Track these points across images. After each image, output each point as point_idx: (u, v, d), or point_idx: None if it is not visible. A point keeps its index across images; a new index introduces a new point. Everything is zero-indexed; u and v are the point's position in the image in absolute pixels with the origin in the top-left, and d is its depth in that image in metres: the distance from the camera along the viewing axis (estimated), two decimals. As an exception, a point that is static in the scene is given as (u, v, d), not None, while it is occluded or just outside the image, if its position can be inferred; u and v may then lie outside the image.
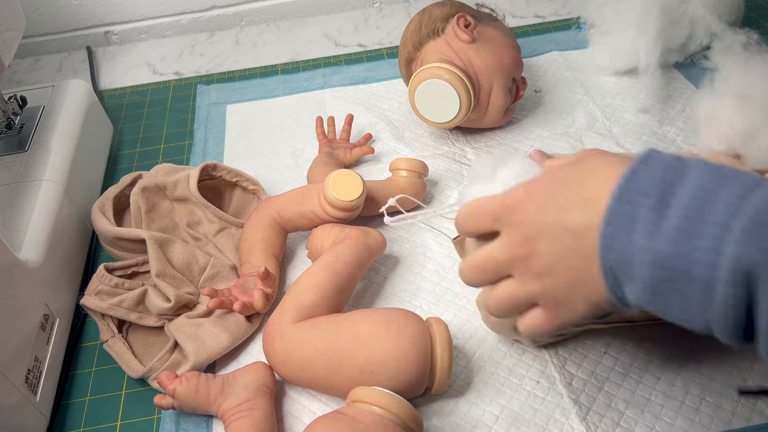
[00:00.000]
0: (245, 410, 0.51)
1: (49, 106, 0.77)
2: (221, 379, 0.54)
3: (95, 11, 1.06)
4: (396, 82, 0.91)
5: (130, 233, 0.63)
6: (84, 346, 0.64)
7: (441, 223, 0.70)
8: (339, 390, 0.51)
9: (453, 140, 0.80)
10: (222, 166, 0.70)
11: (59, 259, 0.64)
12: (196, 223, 0.68)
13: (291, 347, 0.52)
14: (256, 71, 0.99)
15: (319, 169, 0.72)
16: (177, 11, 1.09)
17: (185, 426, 0.55)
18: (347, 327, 0.52)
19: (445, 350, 0.51)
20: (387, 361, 0.49)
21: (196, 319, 0.59)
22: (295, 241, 0.70)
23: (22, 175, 0.67)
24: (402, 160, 0.70)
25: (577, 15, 1.01)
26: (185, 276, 0.62)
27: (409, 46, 0.78)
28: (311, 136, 0.83)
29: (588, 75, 0.88)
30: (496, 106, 0.75)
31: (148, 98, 0.97)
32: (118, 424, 0.57)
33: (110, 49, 1.10)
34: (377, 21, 1.09)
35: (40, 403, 0.55)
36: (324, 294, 0.55)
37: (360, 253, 0.59)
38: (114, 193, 0.69)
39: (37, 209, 0.64)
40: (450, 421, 0.53)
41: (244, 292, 0.60)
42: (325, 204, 0.62)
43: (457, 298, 0.62)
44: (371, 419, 0.46)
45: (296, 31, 1.09)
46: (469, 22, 0.76)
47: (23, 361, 0.54)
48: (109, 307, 0.59)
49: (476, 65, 0.73)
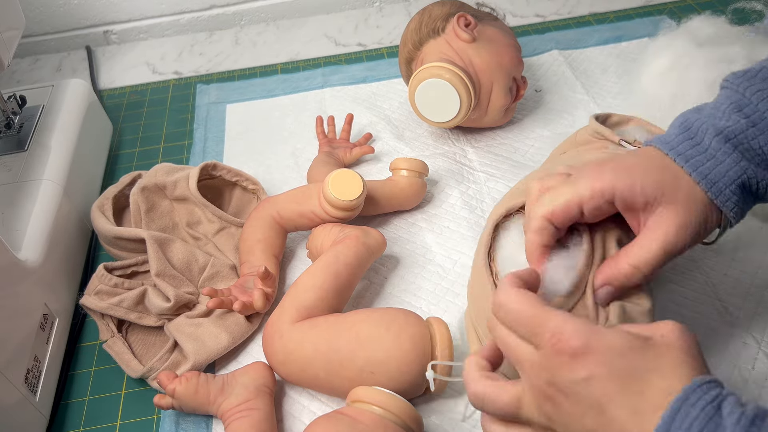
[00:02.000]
0: (245, 410, 0.51)
1: (49, 105, 0.77)
2: (221, 379, 0.54)
3: (94, 10, 1.06)
4: (396, 82, 0.91)
5: (130, 233, 0.63)
6: (83, 345, 0.64)
7: (441, 222, 0.70)
8: (339, 390, 0.51)
9: (453, 140, 0.80)
10: (222, 166, 0.70)
11: (59, 258, 0.64)
12: (196, 222, 0.68)
13: (291, 347, 0.52)
14: (256, 71, 0.99)
15: (319, 168, 0.72)
16: (176, 10, 1.08)
17: (185, 426, 0.55)
18: (347, 327, 0.52)
19: (445, 350, 0.50)
20: (387, 361, 0.49)
21: (196, 319, 0.59)
22: (295, 241, 0.70)
23: (22, 174, 0.67)
24: (402, 160, 0.69)
25: (577, 14, 1.01)
26: (185, 276, 0.62)
27: (410, 46, 0.78)
28: (311, 136, 0.83)
29: (589, 74, 0.88)
30: (496, 106, 0.75)
31: (148, 98, 0.97)
32: (118, 424, 0.57)
33: (110, 48, 1.10)
34: (377, 20, 1.09)
35: (40, 402, 0.55)
36: (324, 294, 0.55)
37: (360, 253, 0.59)
38: (113, 192, 0.69)
39: (36, 209, 0.63)
40: (450, 420, 0.52)
41: (243, 292, 0.60)
42: (325, 204, 0.62)
43: (457, 299, 0.62)
44: (371, 419, 0.45)
45: (296, 30, 1.09)
46: (470, 22, 0.76)
47: (23, 360, 0.54)
48: (109, 306, 0.59)
49: (476, 65, 0.73)
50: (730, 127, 0.42)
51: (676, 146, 0.43)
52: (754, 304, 0.58)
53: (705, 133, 0.43)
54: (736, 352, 0.54)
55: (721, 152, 0.42)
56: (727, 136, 0.42)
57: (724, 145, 0.42)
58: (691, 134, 0.43)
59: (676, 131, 0.44)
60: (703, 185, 0.42)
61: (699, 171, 0.42)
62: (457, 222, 0.69)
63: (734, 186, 0.42)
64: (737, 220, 0.43)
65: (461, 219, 0.70)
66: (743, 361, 0.54)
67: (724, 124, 0.42)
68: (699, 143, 0.43)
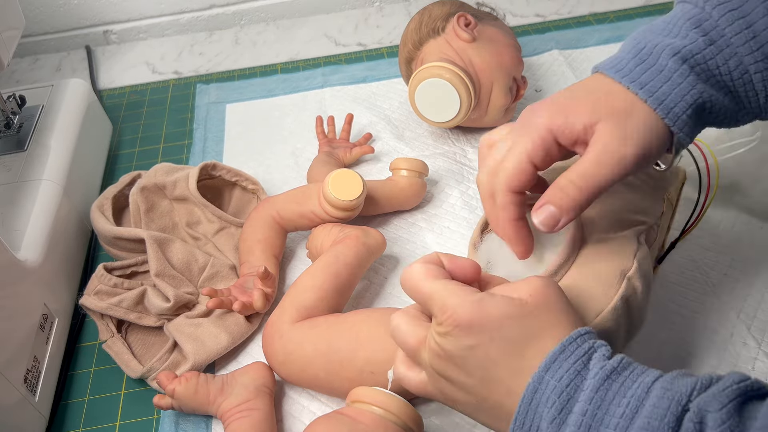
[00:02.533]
0: (245, 410, 0.51)
1: (48, 105, 0.77)
2: (221, 380, 0.54)
3: (94, 10, 1.06)
4: (396, 82, 0.90)
5: (130, 233, 0.63)
6: (83, 346, 0.64)
7: (441, 222, 0.70)
8: (339, 390, 0.51)
9: (453, 140, 0.80)
10: (221, 166, 0.70)
11: (58, 258, 0.64)
12: (196, 222, 0.68)
13: (291, 347, 0.52)
14: (256, 70, 0.99)
15: (319, 168, 0.72)
16: (176, 10, 1.08)
17: (184, 426, 0.54)
18: (347, 327, 0.52)
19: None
20: (387, 361, 0.49)
21: (196, 319, 0.59)
22: (294, 241, 0.70)
23: (21, 174, 0.67)
24: (402, 160, 0.69)
25: (578, 14, 1.01)
26: (184, 276, 0.62)
27: (410, 45, 0.78)
28: (311, 136, 0.83)
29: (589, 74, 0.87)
30: (496, 106, 0.75)
31: (148, 97, 0.97)
32: (117, 425, 0.57)
33: (109, 48, 1.10)
34: (377, 20, 1.09)
35: (39, 403, 0.55)
36: (324, 294, 0.55)
37: (360, 253, 0.59)
38: (113, 192, 0.69)
39: (36, 209, 0.63)
40: (450, 421, 0.53)
41: (243, 292, 0.60)
42: (325, 204, 0.62)
43: (457, 298, 0.62)
44: (371, 419, 0.45)
45: (296, 30, 1.09)
46: (470, 21, 0.75)
47: (22, 361, 0.54)
48: (108, 306, 0.59)
49: (476, 64, 0.73)
50: (687, 46, 0.39)
51: (629, 72, 0.40)
52: (754, 304, 0.58)
53: (660, 54, 0.40)
54: (736, 352, 0.54)
55: (677, 74, 0.39)
56: (684, 56, 0.39)
57: (680, 66, 0.39)
58: (645, 56, 0.41)
59: (628, 55, 0.41)
60: (659, 111, 0.39)
61: (655, 96, 0.39)
62: (457, 222, 0.69)
63: (690, 111, 0.39)
64: (688, 143, 0.41)
65: (461, 219, 0.70)
66: (743, 361, 0.54)
67: (680, 43, 0.39)
68: (653, 65, 0.40)
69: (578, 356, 0.34)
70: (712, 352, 0.54)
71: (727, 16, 0.39)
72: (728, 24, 0.39)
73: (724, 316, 0.57)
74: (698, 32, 0.39)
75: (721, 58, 0.39)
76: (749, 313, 0.57)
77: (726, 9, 0.39)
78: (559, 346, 0.35)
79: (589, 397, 0.33)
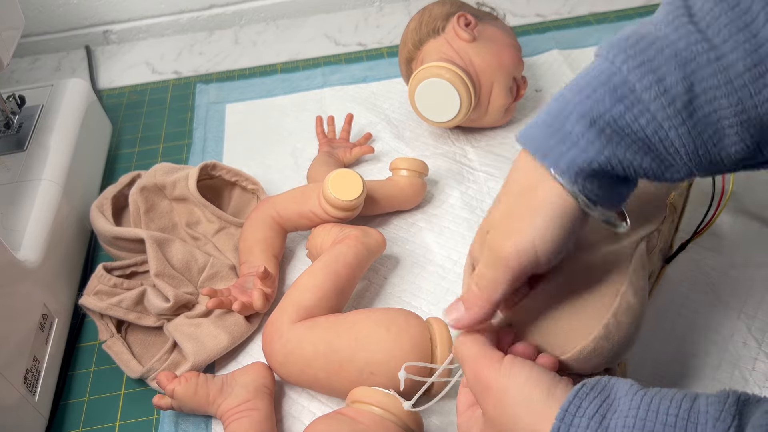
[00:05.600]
0: (244, 411, 0.51)
1: (48, 105, 0.77)
2: (220, 380, 0.54)
3: (94, 10, 1.06)
4: (396, 81, 0.90)
5: (129, 233, 0.63)
6: (83, 346, 0.64)
7: (441, 222, 0.70)
8: (339, 391, 0.51)
9: (453, 139, 0.80)
10: (221, 166, 0.70)
11: (58, 258, 0.64)
12: (195, 222, 0.68)
13: (290, 348, 0.52)
14: (256, 70, 0.99)
15: (318, 168, 0.71)
16: (176, 10, 1.08)
17: (184, 426, 0.54)
18: (347, 327, 0.52)
19: (445, 351, 0.50)
20: (387, 362, 0.49)
21: (195, 319, 0.59)
22: (294, 241, 0.69)
23: (21, 174, 0.67)
24: (402, 160, 0.69)
25: (578, 14, 1.01)
26: (184, 276, 0.62)
27: (410, 45, 0.78)
28: (311, 136, 0.83)
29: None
30: (496, 106, 0.75)
31: (147, 97, 0.97)
32: (117, 425, 0.56)
33: (109, 48, 1.10)
34: (377, 20, 1.09)
35: (39, 403, 0.55)
36: (323, 294, 0.55)
37: (360, 253, 0.59)
38: (113, 192, 0.69)
39: (35, 209, 0.63)
40: (450, 421, 0.52)
41: (243, 292, 0.60)
42: (325, 204, 0.62)
43: (457, 298, 0.62)
44: (371, 419, 0.45)
45: (296, 29, 1.09)
46: (470, 21, 0.75)
47: (22, 361, 0.54)
48: (108, 307, 0.58)
49: (477, 64, 0.73)
50: (596, 107, 0.35)
51: (541, 145, 0.37)
52: (754, 304, 0.58)
53: (567, 117, 0.36)
54: (737, 353, 0.54)
55: (585, 139, 0.36)
56: (593, 119, 0.35)
57: (587, 130, 0.36)
58: (557, 122, 0.37)
59: (542, 120, 0.38)
60: (564, 183, 0.37)
61: (559, 168, 0.36)
62: (457, 222, 0.69)
63: (600, 177, 0.36)
64: (616, 207, 0.39)
65: (461, 219, 0.70)
66: (743, 362, 0.54)
67: (589, 106, 0.36)
68: (560, 129, 0.37)
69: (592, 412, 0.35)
70: (713, 352, 0.54)
71: (635, 71, 0.35)
72: (638, 79, 0.35)
73: (724, 316, 0.57)
74: (606, 89, 0.35)
75: (630, 116, 0.35)
76: (750, 313, 0.57)
77: (634, 65, 0.35)
78: (560, 410, 0.35)
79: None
